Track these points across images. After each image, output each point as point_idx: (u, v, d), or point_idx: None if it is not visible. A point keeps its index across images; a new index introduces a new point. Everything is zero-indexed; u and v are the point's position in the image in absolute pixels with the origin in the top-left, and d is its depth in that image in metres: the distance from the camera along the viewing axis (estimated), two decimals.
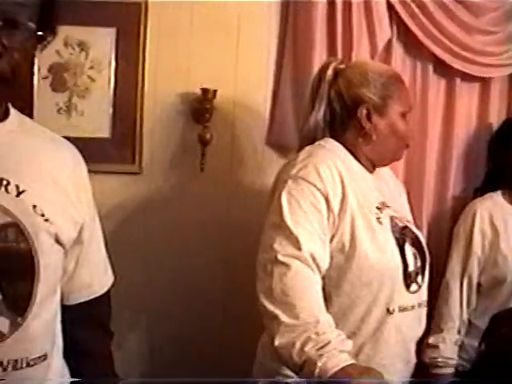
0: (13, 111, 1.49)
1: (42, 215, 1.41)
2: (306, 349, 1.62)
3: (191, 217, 2.69)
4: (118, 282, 1.82)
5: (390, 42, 2.74)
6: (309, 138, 2.06)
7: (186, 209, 2.69)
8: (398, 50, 2.79)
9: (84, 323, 1.66)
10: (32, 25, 1.34)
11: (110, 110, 2.64)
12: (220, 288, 2.71)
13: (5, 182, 1.38)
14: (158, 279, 2.69)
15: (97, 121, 2.65)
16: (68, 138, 1.64)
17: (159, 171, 2.70)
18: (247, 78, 2.70)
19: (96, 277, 1.69)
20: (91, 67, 2.64)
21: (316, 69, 2.52)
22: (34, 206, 1.40)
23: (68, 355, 1.61)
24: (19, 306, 1.38)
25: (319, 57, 2.62)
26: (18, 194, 1.39)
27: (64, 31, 2.44)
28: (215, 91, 2.58)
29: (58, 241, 1.46)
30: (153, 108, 2.66)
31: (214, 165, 2.69)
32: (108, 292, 1.74)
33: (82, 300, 1.66)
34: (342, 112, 2.04)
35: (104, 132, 2.64)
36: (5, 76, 1.32)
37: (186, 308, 2.70)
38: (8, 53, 1.31)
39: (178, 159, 2.70)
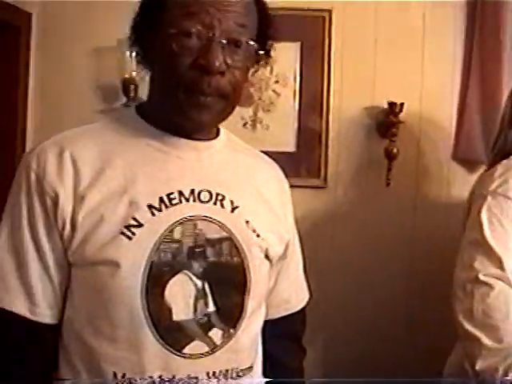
0: (222, 128, 1.52)
1: (254, 231, 1.43)
2: (511, 375, 1.57)
3: (376, 231, 2.67)
4: None
5: None
6: (503, 152, 1.99)
7: (371, 223, 2.68)
8: None
9: (280, 338, 1.66)
10: (253, 44, 1.36)
11: (295, 124, 2.68)
12: (404, 303, 2.67)
13: (220, 197, 1.41)
14: (340, 294, 2.69)
15: (282, 135, 2.68)
16: None
17: (344, 185, 2.70)
18: (433, 90, 2.66)
19: (294, 293, 1.70)
20: (276, 81, 2.68)
21: (506, 80, 2.45)
22: (247, 222, 1.42)
23: (263, 367, 1.62)
24: (231, 317, 1.40)
25: (508, 66, 2.54)
26: (233, 209, 1.42)
27: None
28: (402, 104, 2.55)
29: (267, 256, 1.47)
30: (338, 122, 2.67)
31: (400, 179, 2.66)
32: (303, 308, 1.73)
33: (279, 315, 1.66)
34: None
35: (289, 146, 2.68)
36: (226, 93, 1.34)
37: (366, 325, 2.68)
38: (230, 71, 1.33)
39: (363, 173, 2.69)
